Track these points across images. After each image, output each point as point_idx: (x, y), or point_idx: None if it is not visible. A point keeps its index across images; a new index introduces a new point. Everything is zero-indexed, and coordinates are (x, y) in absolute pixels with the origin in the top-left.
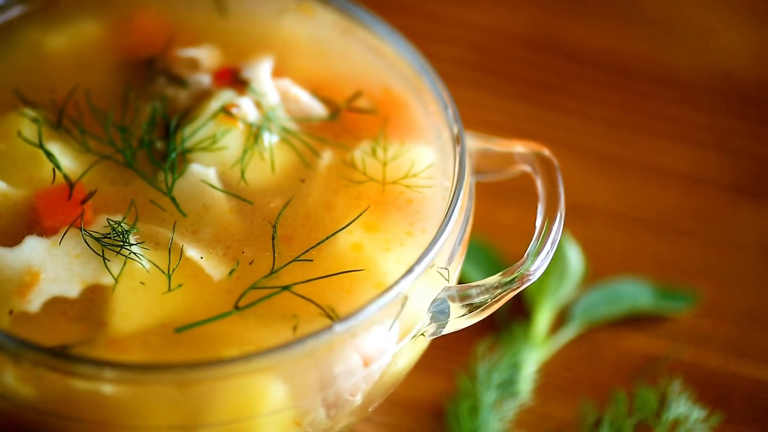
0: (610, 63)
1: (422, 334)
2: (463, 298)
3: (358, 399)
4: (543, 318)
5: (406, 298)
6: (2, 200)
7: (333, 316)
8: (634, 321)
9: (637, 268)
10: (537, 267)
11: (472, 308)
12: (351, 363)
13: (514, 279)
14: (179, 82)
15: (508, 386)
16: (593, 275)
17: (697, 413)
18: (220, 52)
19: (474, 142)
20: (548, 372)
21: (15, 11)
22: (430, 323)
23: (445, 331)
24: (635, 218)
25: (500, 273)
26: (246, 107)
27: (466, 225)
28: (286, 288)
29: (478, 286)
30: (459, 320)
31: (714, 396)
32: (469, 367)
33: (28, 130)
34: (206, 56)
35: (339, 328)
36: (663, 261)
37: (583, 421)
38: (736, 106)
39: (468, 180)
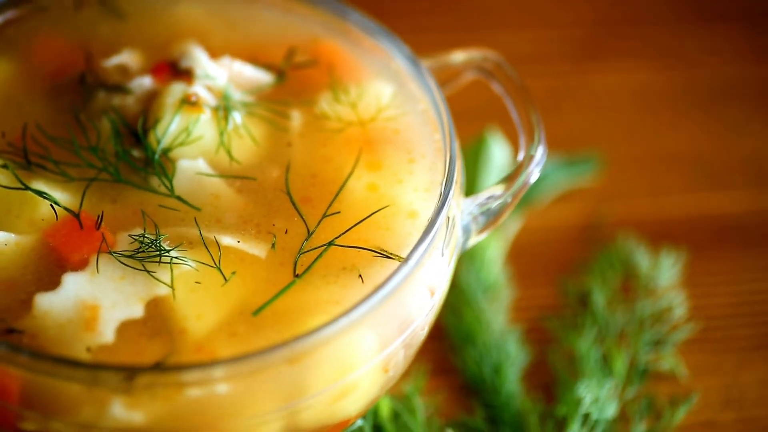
0: None
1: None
2: (483, 210)
3: (425, 332)
4: None
5: (449, 219)
6: (18, 249)
7: (392, 255)
8: (560, 198)
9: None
10: (537, 162)
11: (488, 218)
12: (422, 297)
13: (520, 181)
14: (120, 90)
15: (488, 290)
16: None
17: (665, 259)
18: (139, 52)
19: None
20: (513, 264)
21: None
22: (462, 240)
23: (468, 246)
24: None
25: (503, 179)
26: (201, 93)
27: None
28: (331, 243)
29: (491, 196)
30: (478, 233)
31: (661, 240)
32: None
33: (2, 177)
34: (131, 59)
35: (411, 262)
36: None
37: (568, 297)
38: None
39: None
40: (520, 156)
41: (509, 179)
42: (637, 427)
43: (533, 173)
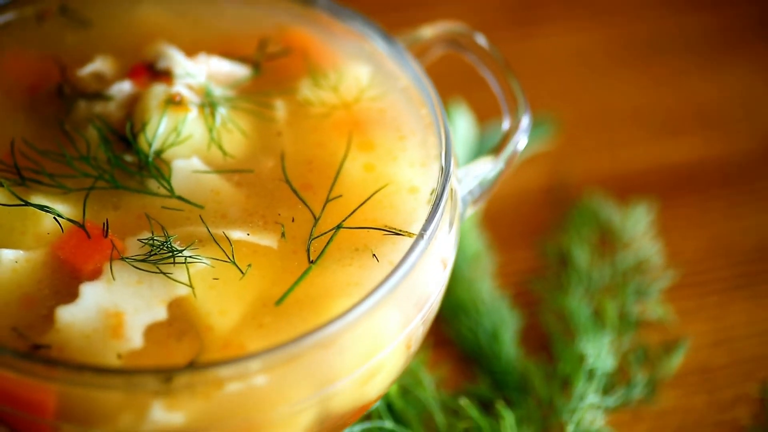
0: None
1: None
2: (480, 181)
3: (438, 305)
4: None
5: (452, 192)
6: (30, 266)
7: (402, 232)
8: (522, 164)
9: (483, 118)
10: (524, 128)
11: (483, 188)
12: (437, 270)
13: (510, 148)
14: (100, 97)
15: (470, 260)
16: None
17: (635, 211)
18: (110, 58)
19: None
20: (489, 233)
21: None
22: (462, 211)
23: (465, 217)
24: (461, 81)
25: (492, 149)
26: (184, 92)
27: None
28: (340, 226)
29: (484, 167)
30: (473, 203)
31: (626, 193)
32: None
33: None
34: (104, 66)
35: (427, 237)
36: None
37: (548, 258)
38: None
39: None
40: (505, 124)
41: (498, 149)
42: (636, 377)
43: (522, 140)
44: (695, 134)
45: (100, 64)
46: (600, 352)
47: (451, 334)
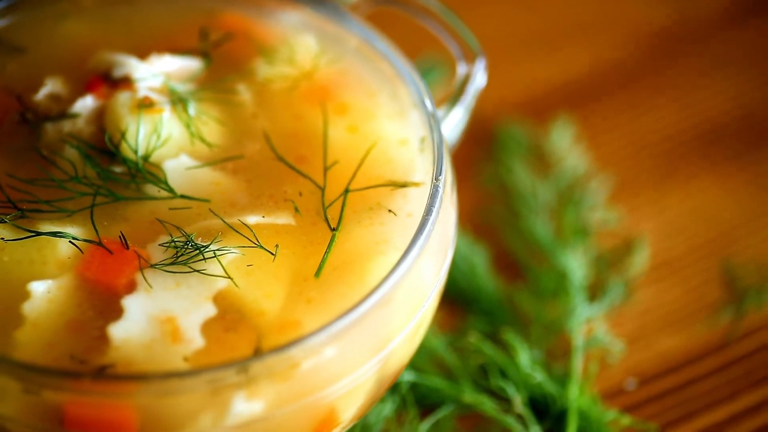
0: None
1: None
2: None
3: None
4: None
5: (443, 137)
6: (63, 293)
7: (409, 184)
8: None
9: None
10: (481, 68)
11: (456, 133)
12: (452, 214)
13: (473, 92)
14: (66, 116)
15: None
16: None
17: (556, 127)
18: (60, 77)
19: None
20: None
21: None
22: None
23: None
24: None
25: (456, 92)
26: (150, 95)
27: None
28: (347, 190)
29: (453, 108)
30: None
31: (537, 112)
32: None
33: (6, 232)
34: (57, 86)
35: (441, 181)
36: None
37: (490, 188)
38: None
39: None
40: (461, 69)
41: (459, 92)
42: (609, 282)
43: (480, 80)
44: (576, 48)
45: (52, 86)
46: (576, 265)
47: None
